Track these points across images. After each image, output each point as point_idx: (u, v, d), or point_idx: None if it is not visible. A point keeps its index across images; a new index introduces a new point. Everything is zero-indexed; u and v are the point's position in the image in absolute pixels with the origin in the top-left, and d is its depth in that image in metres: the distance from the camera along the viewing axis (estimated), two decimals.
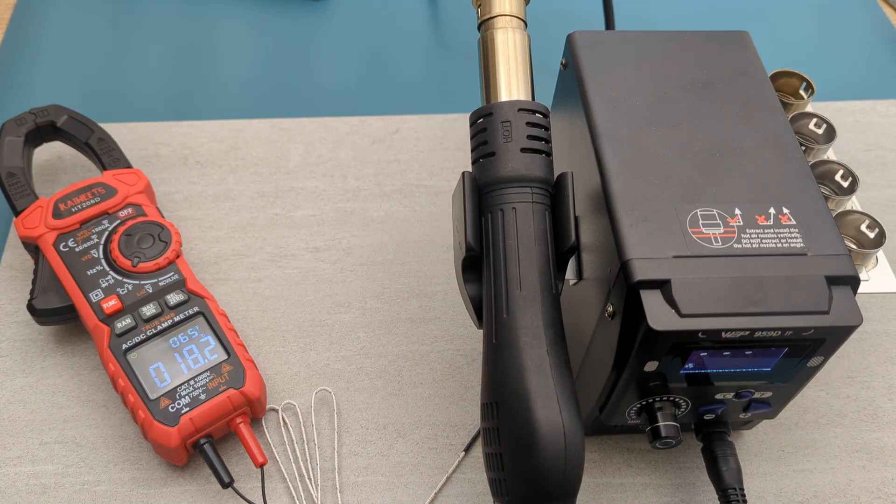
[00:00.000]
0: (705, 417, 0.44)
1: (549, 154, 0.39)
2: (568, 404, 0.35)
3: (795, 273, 0.37)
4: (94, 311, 0.48)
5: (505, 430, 0.35)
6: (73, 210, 0.52)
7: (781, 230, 0.38)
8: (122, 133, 0.62)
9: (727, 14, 0.75)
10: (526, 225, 0.38)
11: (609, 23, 0.62)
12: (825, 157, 0.48)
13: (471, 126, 0.41)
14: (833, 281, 0.37)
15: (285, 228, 0.58)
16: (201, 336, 0.48)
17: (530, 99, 0.41)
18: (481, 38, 0.42)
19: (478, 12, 0.43)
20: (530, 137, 0.39)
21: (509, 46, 0.41)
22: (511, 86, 0.40)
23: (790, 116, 0.49)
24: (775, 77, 0.50)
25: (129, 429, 0.49)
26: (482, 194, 0.39)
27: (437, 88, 0.69)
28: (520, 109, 0.39)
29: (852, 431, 0.50)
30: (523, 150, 0.38)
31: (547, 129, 0.40)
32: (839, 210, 0.46)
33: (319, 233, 0.58)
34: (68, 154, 0.62)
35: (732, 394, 0.42)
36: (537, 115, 0.40)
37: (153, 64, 0.69)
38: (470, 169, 0.41)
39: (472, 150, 0.40)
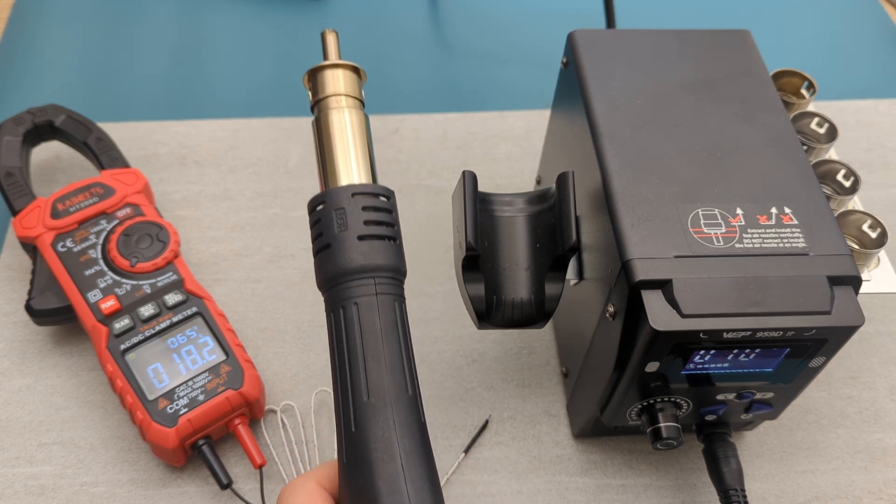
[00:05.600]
0: (707, 418, 0.44)
1: (393, 238, 0.36)
2: None
3: (797, 273, 0.36)
4: (92, 311, 0.48)
5: None
6: (71, 210, 0.52)
7: (783, 230, 0.38)
8: (120, 132, 0.62)
9: (728, 13, 0.75)
10: (371, 321, 0.33)
11: (610, 22, 0.62)
12: (827, 157, 0.48)
13: (309, 216, 0.37)
14: (835, 281, 0.36)
15: (284, 228, 0.58)
16: (200, 336, 0.48)
17: (371, 181, 0.37)
18: (314, 121, 0.38)
19: (309, 94, 0.39)
20: (368, 223, 0.35)
21: (345, 127, 0.37)
22: (349, 169, 0.36)
23: (792, 116, 0.49)
24: (777, 76, 0.50)
25: (127, 430, 0.49)
26: (325, 291, 0.35)
27: (437, 88, 0.68)
28: (354, 194, 0.35)
29: (854, 432, 0.50)
30: (361, 237, 0.34)
31: (390, 211, 0.36)
32: (841, 210, 0.46)
33: None
34: (66, 154, 0.62)
35: (734, 394, 0.41)
36: (376, 197, 0.36)
37: (151, 63, 0.69)
38: (470, 168, 0.39)
39: (312, 244, 0.36)
